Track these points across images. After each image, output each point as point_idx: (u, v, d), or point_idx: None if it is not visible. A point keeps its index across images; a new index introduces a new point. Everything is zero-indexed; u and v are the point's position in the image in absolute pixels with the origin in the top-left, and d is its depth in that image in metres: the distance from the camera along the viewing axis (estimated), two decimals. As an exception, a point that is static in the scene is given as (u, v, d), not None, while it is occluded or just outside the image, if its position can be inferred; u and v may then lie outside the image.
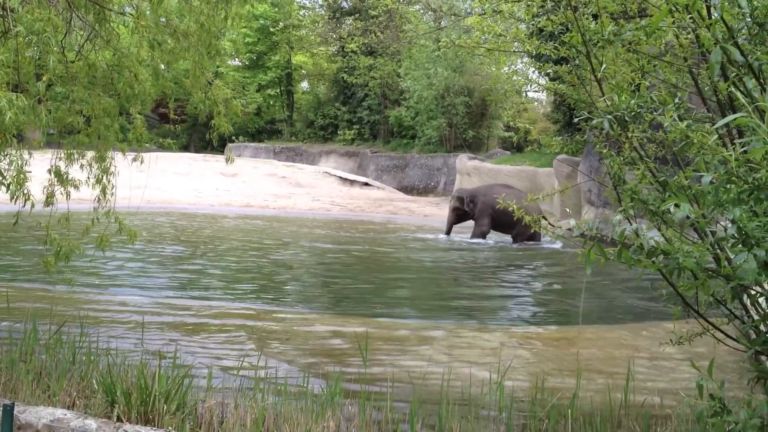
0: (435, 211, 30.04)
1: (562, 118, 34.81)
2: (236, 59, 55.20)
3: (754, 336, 2.74)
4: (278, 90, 54.30)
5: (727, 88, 2.07)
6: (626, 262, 1.95)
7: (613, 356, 7.82)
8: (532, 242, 20.22)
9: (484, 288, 13.13)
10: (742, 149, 1.86)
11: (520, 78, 44.38)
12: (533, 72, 41.67)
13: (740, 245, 1.78)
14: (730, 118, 1.76)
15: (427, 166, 40.89)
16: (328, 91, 53.02)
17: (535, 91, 49.67)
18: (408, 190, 39.50)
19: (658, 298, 11.09)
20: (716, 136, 2.12)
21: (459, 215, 21.10)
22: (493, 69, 44.20)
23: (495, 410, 5.14)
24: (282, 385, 5.53)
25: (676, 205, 1.91)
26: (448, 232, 20.97)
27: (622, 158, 2.79)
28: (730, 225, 1.82)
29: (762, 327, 2.75)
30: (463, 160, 35.39)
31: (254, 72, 53.35)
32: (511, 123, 47.11)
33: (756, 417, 2.20)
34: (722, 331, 3.03)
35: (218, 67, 44.47)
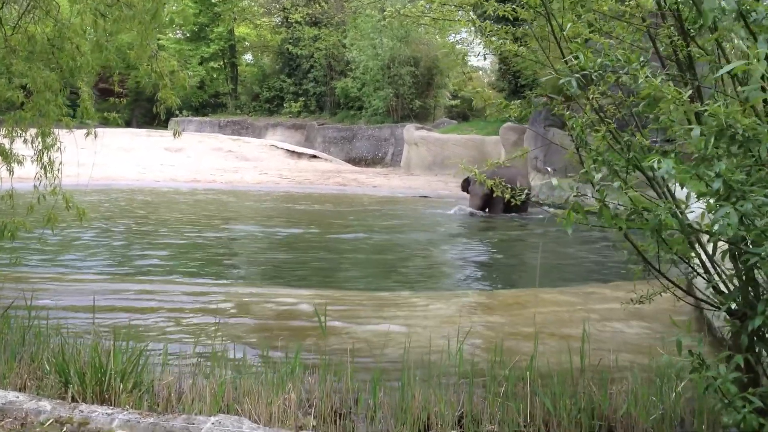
0: (384, 181, 30.02)
1: (508, 86, 35.02)
2: (178, 32, 53.91)
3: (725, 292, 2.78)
4: (221, 63, 53.26)
5: (717, 40, 2.06)
6: (605, 222, 1.93)
7: (566, 318, 7.93)
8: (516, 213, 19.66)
9: (439, 256, 13.19)
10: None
11: (464, 47, 44.38)
12: (479, 41, 41.79)
13: (722, 200, 1.78)
14: (733, 65, 1.75)
15: (375, 137, 40.74)
16: (272, 63, 52.22)
17: (479, 59, 49.74)
18: (356, 161, 39.33)
19: (611, 260, 11.27)
20: (690, 90, 2.12)
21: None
22: (438, 38, 44.24)
23: (455, 376, 5.17)
24: (240, 360, 5.48)
25: (659, 162, 1.90)
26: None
27: (583, 120, 2.78)
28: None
29: (728, 284, 2.80)
30: (411, 131, 35.39)
31: (196, 44, 52.18)
32: (457, 92, 47.21)
33: (733, 372, 2.23)
34: (683, 289, 3.07)
35: (159, 39, 43.36)
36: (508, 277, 11.28)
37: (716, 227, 1.84)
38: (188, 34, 53.34)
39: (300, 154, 37.34)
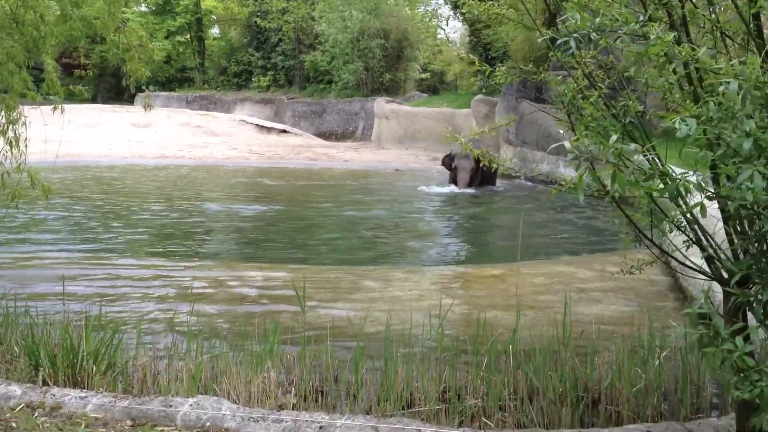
0: (355, 156, 29.82)
1: (479, 58, 34.78)
2: (142, 5, 52.82)
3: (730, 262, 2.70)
4: (188, 36, 52.37)
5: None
6: (620, 186, 1.83)
7: (544, 291, 7.90)
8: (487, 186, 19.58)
9: (415, 231, 13.11)
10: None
11: (434, 20, 44.10)
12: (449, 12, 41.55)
13: (743, 162, 1.69)
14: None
15: (345, 111, 40.43)
16: (240, 36, 51.40)
17: (450, 32, 49.56)
18: (326, 135, 39.01)
19: (584, 234, 11.23)
20: (704, 49, 2.02)
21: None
22: (408, 11, 43.89)
23: (437, 351, 5.09)
24: (217, 339, 5.35)
25: (683, 120, 1.79)
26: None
27: (576, 85, 2.67)
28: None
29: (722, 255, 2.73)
30: (381, 104, 35.15)
31: (162, 18, 51.21)
32: (427, 65, 46.98)
33: (749, 345, 2.16)
34: (676, 259, 3.00)
35: (123, 13, 42.48)
36: (485, 251, 11.25)
37: (737, 192, 1.75)
38: (153, 8, 52.31)
39: (269, 129, 36.94)
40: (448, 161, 19.73)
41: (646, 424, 3.75)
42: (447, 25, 47.18)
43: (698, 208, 2.10)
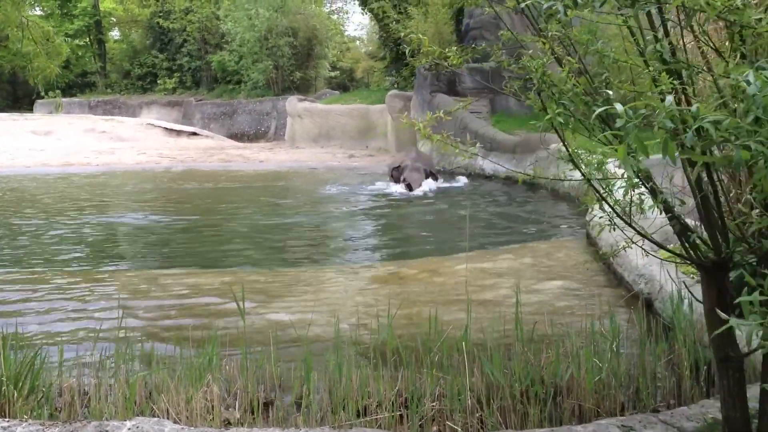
0: (270, 156, 29.29)
1: (389, 54, 34.79)
2: (37, 8, 50.49)
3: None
4: (87, 40, 50.44)
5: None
6: (670, 155, 1.64)
7: (481, 284, 7.78)
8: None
9: (344, 231, 12.85)
10: None
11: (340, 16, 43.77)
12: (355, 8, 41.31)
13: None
14: None
15: (256, 111, 39.75)
16: (142, 38, 49.87)
17: (356, 29, 49.49)
18: (238, 137, 38.25)
19: (517, 224, 11.20)
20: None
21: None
22: (314, 7, 43.49)
23: (386, 352, 4.85)
24: (149, 354, 4.95)
25: (747, 80, 1.60)
26: None
27: (546, 58, 2.48)
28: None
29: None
30: (294, 103, 34.67)
31: (59, 21, 49.18)
32: (336, 63, 46.79)
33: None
34: (655, 241, 2.85)
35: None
36: (417, 247, 11.09)
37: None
38: (49, 11, 50.15)
39: (179, 132, 35.93)
40: (396, 174, 18.38)
41: (619, 418, 3.61)
42: (364, 31, 47.05)
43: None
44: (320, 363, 4.74)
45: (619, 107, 1.74)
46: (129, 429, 3.67)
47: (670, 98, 1.73)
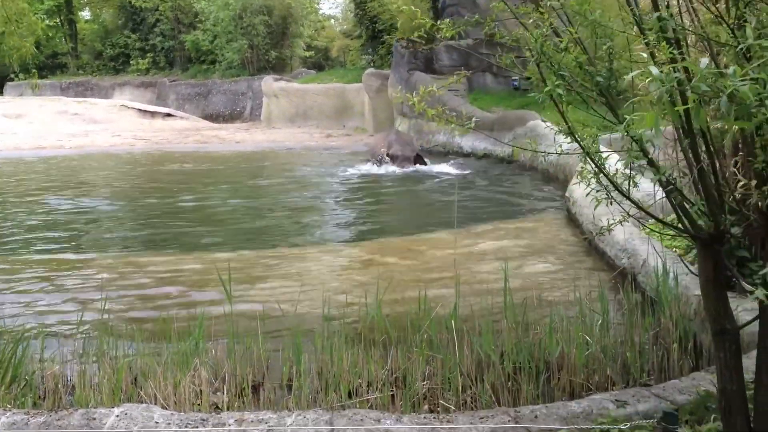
0: (247, 137, 29.03)
1: (365, 32, 34.54)
2: (3, -12, 49.37)
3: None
4: (58, 20, 49.45)
5: None
6: (701, 122, 1.59)
7: (463, 260, 7.76)
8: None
9: (329, 210, 12.76)
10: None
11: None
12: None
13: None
14: None
15: (231, 92, 39.32)
16: (114, 18, 49.03)
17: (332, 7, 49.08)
18: (213, 117, 37.85)
19: (491, 202, 11.16)
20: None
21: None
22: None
23: (375, 332, 4.82)
24: (134, 338, 4.86)
25: None
26: None
27: (544, 29, 2.42)
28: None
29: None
30: (269, 82, 34.35)
31: (28, 1, 48.15)
32: (311, 42, 46.37)
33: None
34: (653, 215, 2.82)
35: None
36: (399, 226, 11.03)
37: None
38: (17, -9, 49.07)
39: (153, 113, 35.51)
40: (382, 156, 17.84)
41: (612, 393, 3.61)
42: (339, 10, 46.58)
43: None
44: (308, 344, 4.69)
45: (654, 71, 1.69)
46: (117, 416, 3.60)
47: (705, 60, 1.68)
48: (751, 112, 1.55)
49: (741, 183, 2.87)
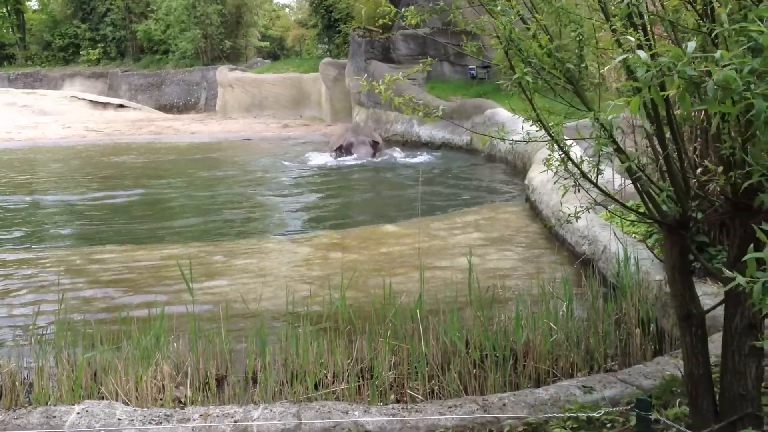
0: (202, 127, 28.63)
1: (321, 21, 34.28)
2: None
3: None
4: (4, 10, 48.18)
5: None
6: (685, 107, 1.58)
7: (425, 250, 7.76)
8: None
9: (284, 202, 12.65)
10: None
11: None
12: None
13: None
14: None
15: (185, 82, 38.73)
16: (63, 7, 47.81)
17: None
18: (167, 108, 37.24)
19: (440, 195, 11.13)
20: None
21: None
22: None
23: (340, 322, 4.78)
24: (92, 334, 4.74)
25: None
26: None
27: (512, 16, 2.39)
28: None
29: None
30: (224, 72, 33.91)
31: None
32: (265, 32, 45.88)
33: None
34: (620, 202, 2.84)
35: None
36: (359, 216, 10.99)
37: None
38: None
39: (105, 104, 34.82)
40: (346, 147, 17.66)
41: (579, 379, 3.63)
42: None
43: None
44: (272, 336, 4.64)
45: (642, 54, 1.68)
46: (78, 413, 3.52)
47: (692, 44, 1.67)
48: (742, 97, 1.54)
49: (702, 169, 2.89)
